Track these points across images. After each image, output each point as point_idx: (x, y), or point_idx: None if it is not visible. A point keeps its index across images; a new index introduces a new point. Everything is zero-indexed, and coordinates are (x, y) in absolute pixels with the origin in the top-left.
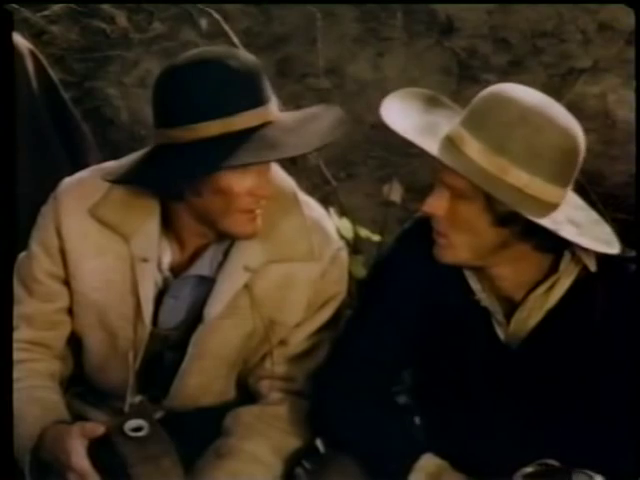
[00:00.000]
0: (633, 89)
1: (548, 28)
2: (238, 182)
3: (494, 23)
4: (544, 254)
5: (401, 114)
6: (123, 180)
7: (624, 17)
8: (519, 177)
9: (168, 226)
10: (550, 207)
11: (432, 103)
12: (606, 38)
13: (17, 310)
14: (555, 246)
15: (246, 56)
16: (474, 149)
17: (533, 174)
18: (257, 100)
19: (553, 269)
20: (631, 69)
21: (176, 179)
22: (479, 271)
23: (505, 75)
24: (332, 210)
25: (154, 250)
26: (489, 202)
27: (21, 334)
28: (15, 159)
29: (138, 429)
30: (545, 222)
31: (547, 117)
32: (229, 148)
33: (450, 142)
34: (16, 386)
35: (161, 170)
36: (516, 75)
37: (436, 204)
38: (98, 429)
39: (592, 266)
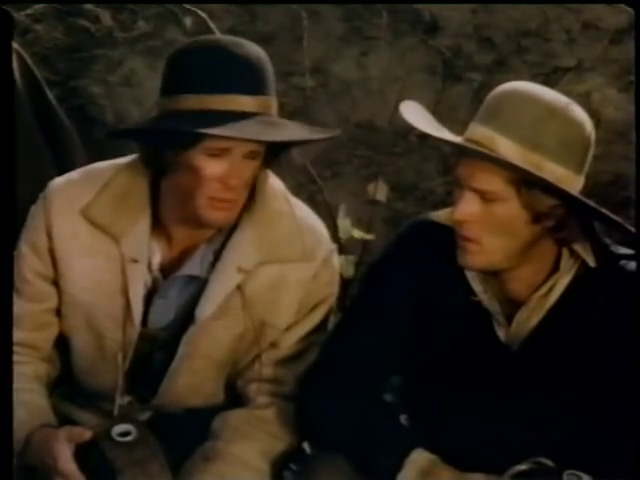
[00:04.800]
0: (617, 88)
1: (532, 27)
2: (210, 165)
3: (478, 22)
4: (554, 252)
5: (424, 118)
6: (120, 133)
7: (608, 16)
8: (553, 171)
9: (158, 225)
10: None
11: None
12: (590, 37)
13: None
14: (580, 238)
15: (257, 49)
16: (507, 147)
17: (566, 167)
18: (257, 88)
19: (555, 269)
20: (615, 68)
21: (159, 140)
22: (490, 274)
23: (489, 74)
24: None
25: (144, 251)
26: (526, 199)
27: None
28: (15, 159)
29: (126, 434)
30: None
31: (569, 110)
32: (215, 120)
33: (476, 144)
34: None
35: (149, 125)
36: (500, 74)
37: (468, 210)
38: (85, 434)
39: (591, 261)
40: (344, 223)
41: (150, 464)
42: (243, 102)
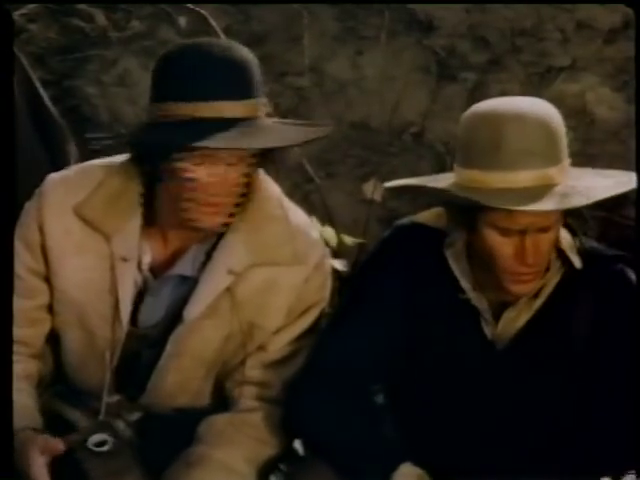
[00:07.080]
0: (611, 87)
1: (527, 27)
2: (196, 172)
3: (473, 22)
4: None
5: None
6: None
7: (602, 16)
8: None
9: (151, 225)
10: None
11: None
12: (585, 37)
13: None
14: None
15: (243, 51)
16: (555, 176)
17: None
18: (244, 93)
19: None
20: (609, 67)
21: (149, 150)
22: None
23: (484, 74)
24: (314, 219)
25: (134, 250)
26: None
27: None
28: (15, 158)
29: (102, 444)
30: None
31: (539, 110)
32: (204, 131)
33: (528, 190)
34: None
35: (142, 137)
36: (495, 74)
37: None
38: (59, 446)
39: (577, 263)
40: (326, 231)
41: (126, 475)
42: (230, 108)
